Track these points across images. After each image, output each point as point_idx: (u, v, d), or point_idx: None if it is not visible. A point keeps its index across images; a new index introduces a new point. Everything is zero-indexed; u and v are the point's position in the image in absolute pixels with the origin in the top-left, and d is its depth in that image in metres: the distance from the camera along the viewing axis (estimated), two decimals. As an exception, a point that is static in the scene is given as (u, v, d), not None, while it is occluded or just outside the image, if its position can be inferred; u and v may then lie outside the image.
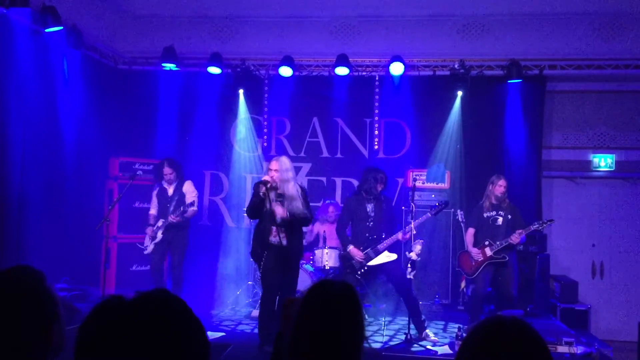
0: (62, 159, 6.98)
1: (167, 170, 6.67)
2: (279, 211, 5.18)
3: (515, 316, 1.37)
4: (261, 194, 5.14)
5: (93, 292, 6.60)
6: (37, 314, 1.50)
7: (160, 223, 6.62)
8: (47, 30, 6.32)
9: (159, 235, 6.59)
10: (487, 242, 6.10)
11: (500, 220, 6.16)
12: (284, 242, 5.15)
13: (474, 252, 6.18)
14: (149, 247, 6.65)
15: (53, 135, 6.85)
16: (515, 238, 5.92)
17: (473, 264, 6.20)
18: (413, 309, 5.77)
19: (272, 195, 5.20)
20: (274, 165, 5.29)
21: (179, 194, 6.72)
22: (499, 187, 6.16)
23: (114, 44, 8.15)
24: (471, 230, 6.34)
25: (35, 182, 6.49)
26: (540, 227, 6.04)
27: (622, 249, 8.00)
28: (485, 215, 6.23)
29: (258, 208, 5.21)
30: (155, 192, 6.82)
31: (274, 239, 5.22)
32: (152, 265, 6.68)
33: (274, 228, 5.20)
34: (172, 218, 6.49)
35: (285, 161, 5.34)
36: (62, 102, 6.94)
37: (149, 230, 6.67)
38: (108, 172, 7.53)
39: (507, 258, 6.03)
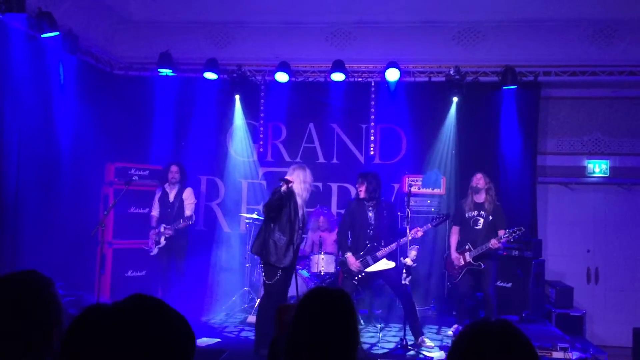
0: (58, 164, 6.97)
1: (174, 168, 6.98)
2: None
3: (503, 319, 1.38)
4: (282, 190, 5.19)
5: (88, 298, 6.57)
6: (41, 318, 1.52)
7: (162, 228, 6.84)
8: (43, 35, 6.32)
9: (162, 240, 6.82)
10: (467, 247, 6.16)
11: (480, 222, 6.19)
12: (300, 240, 5.57)
13: (454, 257, 6.25)
14: (154, 250, 6.89)
15: (49, 140, 6.84)
16: (495, 243, 5.93)
17: (456, 268, 6.26)
18: (410, 313, 5.77)
19: (299, 201, 5.39)
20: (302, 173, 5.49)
21: (179, 200, 6.99)
22: (475, 178, 6.26)
23: (110, 49, 8.16)
24: (455, 229, 6.38)
25: (31, 187, 6.47)
26: (509, 237, 5.98)
27: (617, 254, 8.03)
28: (467, 215, 6.26)
29: (279, 206, 5.26)
30: (157, 196, 7.08)
31: (298, 240, 5.45)
32: (159, 271, 6.96)
33: (300, 230, 5.43)
34: (167, 232, 6.77)
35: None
36: (58, 107, 6.93)
37: (152, 233, 6.89)
38: (104, 177, 7.51)
39: (483, 266, 6.07)
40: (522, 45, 7.70)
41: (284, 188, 5.19)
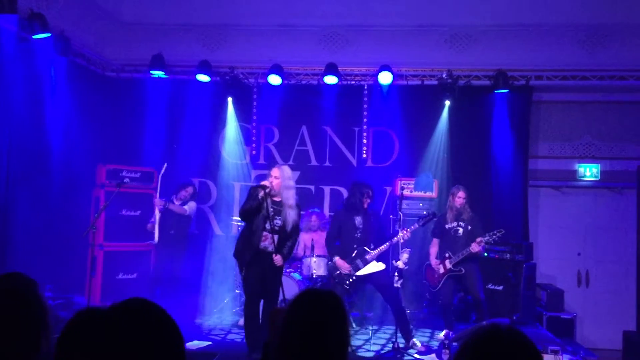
0: (49, 165, 6.92)
1: (189, 189, 7.23)
2: (278, 260, 5.25)
3: (510, 325, 1.38)
4: (259, 197, 5.13)
5: (78, 301, 6.55)
6: (26, 320, 1.50)
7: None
8: (34, 37, 6.29)
9: (156, 213, 6.93)
10: (447, 255, 6.22)
11: (460, 231, 6.27)
12: (271, 248, 5.21)
13: (434, 264, 6.32)
14: (155, 235, 6.89)
15: (39, 142, 6.80)
16: (475, 247, 5.98)
17: (436, 276, 6.32)
18: (400, 317, 5.78)
19: (268, 201, 5.20)
20: (275, 172, 5.32)
21: (184, 202, 7.18)
22: (458, 198, 6.29)
23: (102, 51, 8.13)
24: (435, 241, 6.46)
25: (21, 189, 6.43)
26: (490, 239, 6.04)
27: (607, 257, 8.08)
28: (447, 226, 6.34)
29: (254, 211, 5.21)
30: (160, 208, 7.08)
31: (263, 244, 5.25)
32: (152, 274, 7.06)
33: (266, 234, 5.23)
34: (161, 203, 6.93)
35: (287, 170, 5.43)
36: (49, 109, 6.89)
37: (149, 226, 7.06)
38: (95, 179, 7.47)
39: (463, 271, 6.12)
40: (514, 50, 7.75)
41: (261, 195, 5.12)
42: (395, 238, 5.71)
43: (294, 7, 7.57)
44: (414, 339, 5.88)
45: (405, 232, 5.75)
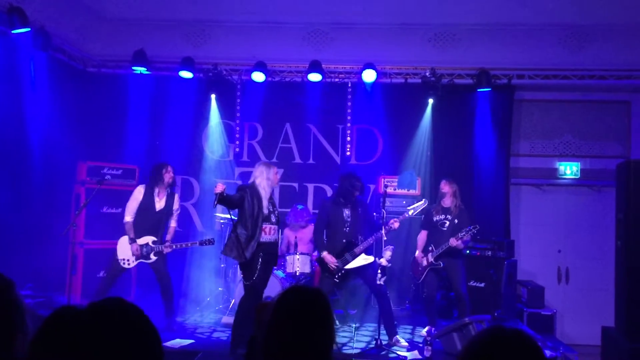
0: (29, 162, 6.82)
1: (171, 174, 6.32)
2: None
3: (517, 328, 1.38)
4: (215, 192, 5.19)
5: (58, 299, 6.45)
6: (2, 322, 1.47)
7: (149, 241, 6.24)
8: (13, 31, 6.18)
9: (152, 257, 6.24)
10: (430, 248, 6.32)
11: (447, 224, 6.35)
12: (275, 237, 5.51)
13: (419, 257, 6.42)
14: (133, 263, 6.24)
15: (19, 138, 6.69)
16: (453, 241, 6.05)
17: (419, 269, 6.41)
18: (386, 313, 5.80)
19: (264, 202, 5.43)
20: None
21: (168, 208, 6.39)
22: (442, 190, 6.45)
23: (84, 46, 8.02)
24: (422, 233, 6.55)
25: (0, 185, 6.32)
26: (465, 235, 6.08)
27: (587, 255, 8.20)
28: (434, 219, 6.40)
29: (229, 204, 5.37)
30: (138, 199, 6.28)
31: (266, 237, 5.38)
32: (110, 272, 6.30)
33: (267, 226, 5.38)
34: (165, 249, 6.25)
35: (256, 168, 5.74)
36: (29, 105, 6.79)
37: (133, 247, 6.16)
38: (75, 176, 7.37)
39: (442, 265, 6.22)
40: (497, 49, 7.82)
41: (216, 190, 5.18)
42: (385, 231, 5.68)
43: (278, 4, 7.53)
44: (397, 336, 5.91)
45: (394, 221, 5.75)
